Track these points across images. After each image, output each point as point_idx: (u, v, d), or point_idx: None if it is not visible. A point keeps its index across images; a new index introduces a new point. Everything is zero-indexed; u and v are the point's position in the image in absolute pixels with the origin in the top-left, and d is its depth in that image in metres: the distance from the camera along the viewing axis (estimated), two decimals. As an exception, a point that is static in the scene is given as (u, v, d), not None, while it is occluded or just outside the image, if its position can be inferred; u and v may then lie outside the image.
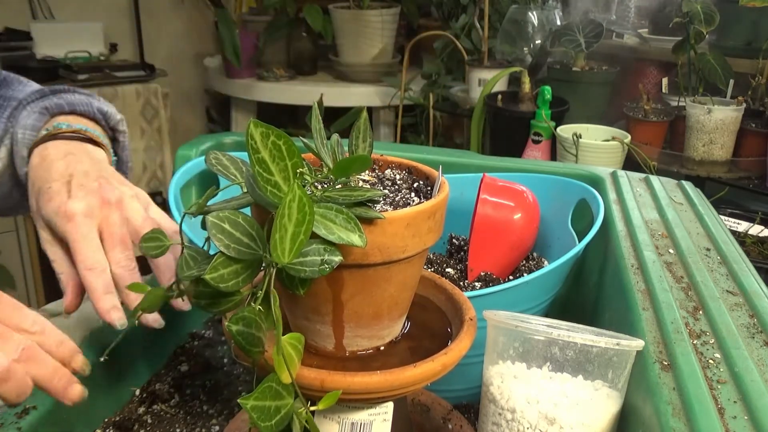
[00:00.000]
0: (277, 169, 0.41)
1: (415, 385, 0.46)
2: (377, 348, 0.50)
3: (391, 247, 0.43)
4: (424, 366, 0.46)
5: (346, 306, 0.46)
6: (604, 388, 0.51)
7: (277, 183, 0.41)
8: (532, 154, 1.57)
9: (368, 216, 0.42)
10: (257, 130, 0.40)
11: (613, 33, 1.91)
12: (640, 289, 0.60)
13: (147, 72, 2.27)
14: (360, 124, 0.48)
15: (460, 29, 1.99)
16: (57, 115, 0.72)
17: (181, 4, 2.66)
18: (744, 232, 1.32)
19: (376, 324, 0.48)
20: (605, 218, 0.75)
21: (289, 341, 0.42)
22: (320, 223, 0.41)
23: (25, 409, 0.57)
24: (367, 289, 0.46)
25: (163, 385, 0.72)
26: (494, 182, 0.79)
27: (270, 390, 0.41)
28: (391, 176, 0.52)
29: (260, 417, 0.40)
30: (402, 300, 0.49)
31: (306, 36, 2.39)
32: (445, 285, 0.57)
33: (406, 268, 0.46)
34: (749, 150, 1.49)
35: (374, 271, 0.45)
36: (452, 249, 0.85)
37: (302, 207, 0.38)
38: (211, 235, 0.41)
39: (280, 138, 0.40)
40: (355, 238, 0.41)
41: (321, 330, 0.48)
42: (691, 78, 1.62)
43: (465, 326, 0.50)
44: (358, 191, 0.43)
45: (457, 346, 0.48)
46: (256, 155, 0.40)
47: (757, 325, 0.54)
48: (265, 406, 0.41)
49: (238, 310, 0.41)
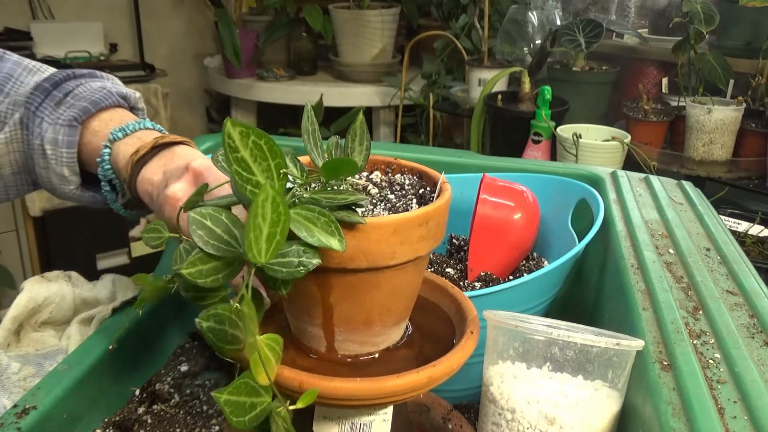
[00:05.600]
0: (259, 169, 0.40)
1: (399, 396, 0.45)
2: (371, 354, 0.49)
3: (376, 253, 0.43)
4: (407, 377, 0.44)
5: (335, 310, 0.46)
6: (604, 388, 0.51)
7: (258, 182, 0.40)
8: (532, 154, 1.57)
9: (350, 220, 0.41)
10: (235, 129, 0.39)
11: (613, 33, 1.91)
12: (640, 289, 0.60)
13: (147, 72, 2.27)
14: (356, 126, 0.47)
15: (460, 29, 1.99)
16: (87, 120, 0.69)
17: (181, 4, 2.66)
18: (744, 232, 1.32)
19: (368, 330, 0.48)
20: (605, 218, 0.75)
21: (266, 342, 0.41)
22: (302, 225, 0.40)
23: (24, 409, 0.57)
24: (355, 295, 0.45)
25: (163, 385, 0.72)
26: (494, 182, 0.79)
27: (246, 386, 0.41)
28: (401, 180, 0.51)
29: (233, 411, 0.40)
30: (395, 308, 0.48)
31: (306, 36, 2.39)
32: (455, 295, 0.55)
33: (397, 275, 0.45)
34: (749, 150, 1.49)
35: (361, 277, 0.44)
36: (452, 249, 0.85)
37: (276, 207, 0.38)
38: (191, 230, 0.41)
39: (261, 138, 0.40)
40: (334, 242, 0.40)
41: (313, 332, 0.48)
42: (691, 78, 1.62)
43: (464, 339, 0.49)
44: (342, 194, 0.42)
45: (448, 360, 0.46)
46: (235, 154, 0.39)
47: (757, 325, 0.54)
48: (240, 402, 0.41)
49: (211, 307, 0.40)
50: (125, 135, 0.68)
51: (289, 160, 0.46)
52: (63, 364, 0.64)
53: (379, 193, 0.49)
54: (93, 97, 0.69)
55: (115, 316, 0.75)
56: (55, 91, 0.70)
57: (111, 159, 0.68)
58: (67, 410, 0.61)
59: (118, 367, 0.70)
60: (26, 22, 2.25)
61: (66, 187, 0.71)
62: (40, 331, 0.79)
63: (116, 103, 0.71)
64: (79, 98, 0.70)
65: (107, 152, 0.68)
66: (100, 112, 0.70)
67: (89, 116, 0.69)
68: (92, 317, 0.80)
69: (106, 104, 0.70)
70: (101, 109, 0.70)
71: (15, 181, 0.74)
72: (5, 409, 0.60)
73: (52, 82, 0.71)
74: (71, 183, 0.71)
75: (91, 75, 0.74)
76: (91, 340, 0.69)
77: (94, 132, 0.69)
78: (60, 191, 0.72)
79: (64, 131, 0.68)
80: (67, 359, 0.65)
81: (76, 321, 0.80)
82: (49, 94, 0.70)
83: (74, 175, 0.70)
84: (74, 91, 0.70)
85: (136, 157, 0.66)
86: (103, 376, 0.67)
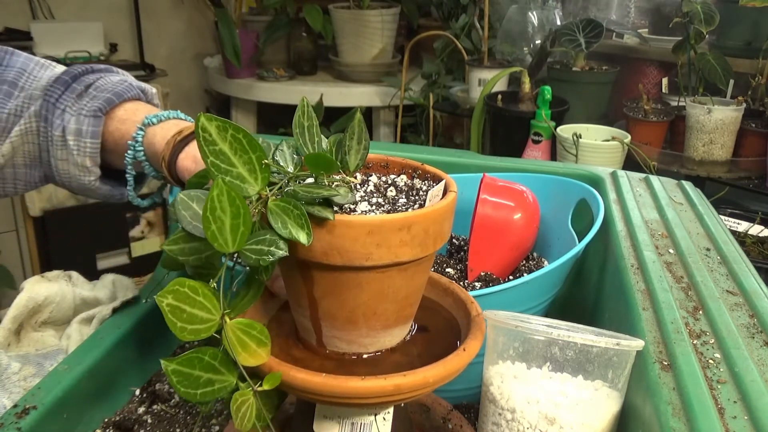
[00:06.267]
0: (240, 162, 0.42)
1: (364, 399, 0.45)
2: (359, 355, 0.49)
3: (351, 251, 0.43)
4: (372, 381, 0.44)
5: (320, 304, 0.47)
6: (604, 388, 0.51)
7: (239, 174, 0.42)
8: (532, 154, 1.57)
9: (319, 215, 0.42)
10: (211, 123, 0.41)
11: (613, 33, 1.91)
12: (640, 289, 0.60)
13: (147, 72, 2.27)
14: (354, 126, 0.47)
15: (460, 29, 1.99)
16: (110, 110, 0.70)
17: (181, 4, 2.66)
18: (744, 232, 1.32)
19: (353, 329, 0.48)
20: (605, 218, 0.75)
21: (238, 326, 0.43)
22: (278, 217, 0.42)
23: (25, 409, 0.58)
24: (336, 292, 0.46)
25: (163, 385, 0.72)
26: (494, 182, 0.79)
27: (199, 360, 0.43)
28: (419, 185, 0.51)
29: (181, 382, 0.42)
30: (382, 312, 0.47)
31: (306, 36, 2.39)
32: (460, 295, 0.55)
33: (380, 278, 0.45)
34: (749, 150, 1.49)
35: (341, 275, 0.44)
36: (452, 249, 0.85)
37: (233, 201, 0.40)
38: (177, 210, 0.43)
39: (238, 132, 0.42)
40: (302, 235, 0.41)
41: (304, 324, 0.49)
42: (691, 78, 1.62)
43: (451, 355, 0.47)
44: (318, 189, 0.43)
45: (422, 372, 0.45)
46: (212, 147, 0.41)
47: (757, 325, 0.54)
48: (192, 374, 0.43)
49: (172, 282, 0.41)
50: (159, 121, 0.69)
51: (288, 154, 0.46)
52: (63, 364, 0.65)
53: (377, 192, 0.49)
54: (116, 89, 0.71)
55: (115, 316, 0.75)
56: (75, 84, 0.71)
57: (144, 141, 0.69)
58: (67, 410, 0.61)
59: (118, 367, 0.70)
60: (26, 22, 2.25)
61: (86, 177, 0.71)
62: (40, 331, 0.79)
63: (137, 96, 0.73)
64: (101, 90, 0.71)
65: (141, 134, 0.69)
66: (123, 103, 0.71)
67: (113, 107, 0.70)
68: (92, 317, 0.80)
69: (129, 96, 0.71)
70: (125, 101, 0.71)
71: (25, 175, 0.74)
72: (5, 409, 0.60)
73: (71, 75, 0.72)
74: (92, 174, 0.71)
75: (108, 69, 0.75)
76: (91, 340, 0.69)
77: (121, 120, 0.70)
78: (78, 183, 0.72)
79: (88, 122, 0.69)
80: (67, 359, 0.65)
81: (76, 321, 0.80)
82: (69, 86, 0.71)
83: (95, 166, 0.71)
84: (96, 83, 0.72)
85: (180, 137, 0.67)
86: (103, 376, 0.67)
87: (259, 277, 0.47)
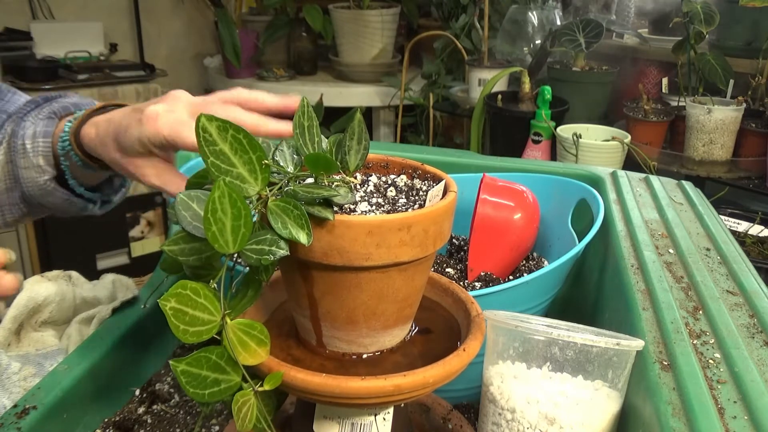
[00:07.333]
0: (240, 162, 0.42)
1: (364, 399, 0.45)
2: (359, 355, 0.49)
3: (351, 252, 0.43)
4: (372, 381, 0.44)
5: (320, 304, 0.47)
6: (604, 388, 0.51)
7: (240, 174, 0.42)
8: (532, 154, 1.57)
9: (319, 215, 0.42)
10: (212, 123, 0.41)
11: (613, 33, 1.91)
12: (640, 289, 0.60)
13: (147, 72, 2.27)
14: (354, 126, 0.47)
15: (460, 29, 1.99)
16: (64, 117, 0.72)
17: (181, 4, 2.66)
18: (744, 232, 1.32)
19: (353, 329, 0.48)
20: (605, 218, 0.75)
21: (238, 326, 0.43)
22: (278, 217, 0.42)
23: (24, 409, 0.58)
24: (336, 292, 0.46)
25: (163, 385, 0.72)
26: (494, 182, 0.79)
27: (207, 360, 0.43)
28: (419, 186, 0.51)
29: (190, 383, 0.42)
30: (382, 312, 0.47)
31: (306, 36, 2.39)
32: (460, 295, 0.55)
33: (380, 278, 0.45)
34: (749, 150, 1.49)
35: (340, 275, 0.44)
36: (452, 249, 0.85)
37: (234, 202, 0.40)
38: (177, 210, 0.42)
39: (239, 132, 0.42)
40: (302, 236, 0.41)
41: (304, 324, 0.49)
42: (691, 78, 1.62)
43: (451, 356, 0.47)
44: (318, 189, 0.43)
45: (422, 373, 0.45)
46: (212, 147, 0.41)
47: (757, 325, 0.54)
48: (200, 375, 0.42)
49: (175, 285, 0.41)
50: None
51: (288, 154, 0.47)
52: (63, 364, 0.65)
53: (377, 193, 0.49)
54: (74, 102, 0.74)
55: (115, 316, 0.75)
56: (45, 104, 0.75)
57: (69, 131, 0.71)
58: (67, 410, 0.61)
59: (118, 367, 0.70)
60: (26, 22, 2.25)
61: (41, 177, 0.72)
62: (41, 331, 0.79)
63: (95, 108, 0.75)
64: (60, 103, 0.74)
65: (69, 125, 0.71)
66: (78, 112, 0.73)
67: (68, 113, 0.73)
68: (92, 317, 0.80)
69: (85, 104, 0.74)
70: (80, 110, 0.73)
71: (8, 199, 0.76)
72: (5, 409, 0.60)
73: (43, 97, 0.76)
74: (45, 173, 0.72)
75: (81, 98, 0.78)
76: (91, 340, 0.69)
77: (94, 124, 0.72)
78: (36, 186, 0.73)
79: (42, 124, 0.72)
80: (67, 359, 0.66)
81: (76, 321, 0.80)
82: (39, 105, 0.75)
83: (49, 165, 0.72)
84: (60, 99, 0.75)
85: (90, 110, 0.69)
86: (103, 376, 0.67)
87: (259, 276, 0.47)
